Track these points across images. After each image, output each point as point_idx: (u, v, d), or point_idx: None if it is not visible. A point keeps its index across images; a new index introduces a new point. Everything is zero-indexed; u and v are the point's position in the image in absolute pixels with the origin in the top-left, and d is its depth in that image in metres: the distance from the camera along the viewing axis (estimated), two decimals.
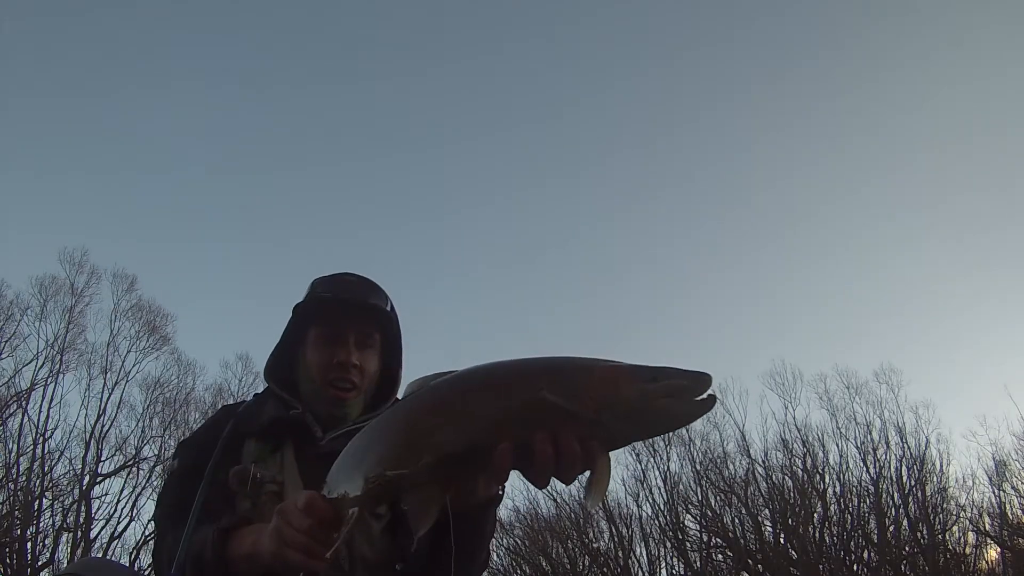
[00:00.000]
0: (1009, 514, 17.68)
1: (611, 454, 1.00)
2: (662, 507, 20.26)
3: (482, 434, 0.99)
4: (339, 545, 1.11)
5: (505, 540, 21.74)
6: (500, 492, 1.33)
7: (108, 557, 16.53)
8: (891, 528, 18.53)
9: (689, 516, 20.32)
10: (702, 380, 0.98)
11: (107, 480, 19.32)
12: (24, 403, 18.52)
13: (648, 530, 20.55)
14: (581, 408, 0.96)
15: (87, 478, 18.71)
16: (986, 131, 28.41)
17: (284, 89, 31.30)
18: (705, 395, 0.98)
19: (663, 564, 20.56)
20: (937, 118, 29.64)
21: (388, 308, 1.71)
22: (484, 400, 1.02)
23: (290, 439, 1.60)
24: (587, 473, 1.00)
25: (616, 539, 20.69)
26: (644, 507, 20.59)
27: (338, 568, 1.42)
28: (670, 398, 0.97)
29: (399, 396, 1.60)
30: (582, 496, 1.02)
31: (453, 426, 1.02)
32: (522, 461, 0.99)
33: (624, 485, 21.28)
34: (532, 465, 0.98)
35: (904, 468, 18.70)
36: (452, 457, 1.00)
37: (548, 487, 1.21)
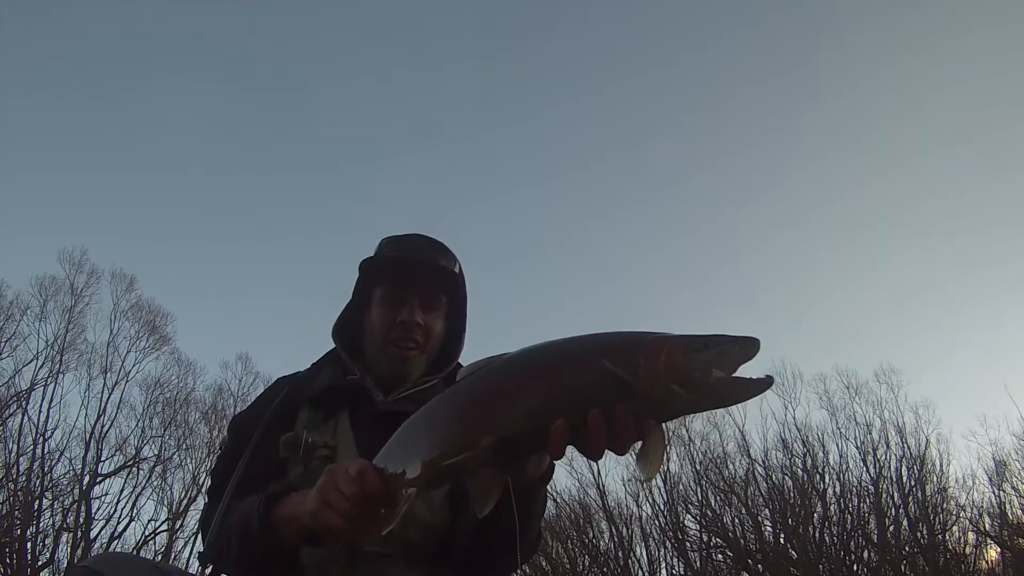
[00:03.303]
0: (1009, 514, 17.67)
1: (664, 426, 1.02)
2: (662, 507, 20.25)
3: (541, 414, 1.00)
4: (387, 530, 1.10)
5: None
6: (551, 467, 1.35)
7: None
8: (891, 528, 18.50)
9: (689, 516, 20.31)
10: (751, 344, 1.00)
11: (107, 480, 19.37)
12: (24, 403, 18.54)
13: (648, 530, 20.54)
14: (636, 381, 0.97)
15: (87, 478, 18.74)
16: (986, 130, 28.43)
17: (285, 88, 31.30)
18: (762, 375, 0.99)
19: (663, 564, 20.57)
20: (937, 117, 29.64)
21: (456, 270, 1.69)
22: (542, 380, 1.03)
23: (345, 405, 1.58)
24: (639, 445, 1.01)
25: (616, 539, 20.68)
26: (644, 507, 20.57)
27: None
28: (724, 369, 0.98)
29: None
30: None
31: (513, 407, 1.03)
32: (577, 437, 1.00)
33: (624, 485, 21.29)
34: (587, 441, 1.00)
35: (904, 468, 18.68)
36: (511, 438, 1.02)
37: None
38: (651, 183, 32.30)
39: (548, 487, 1.43)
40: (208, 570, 1.44)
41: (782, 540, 19.13)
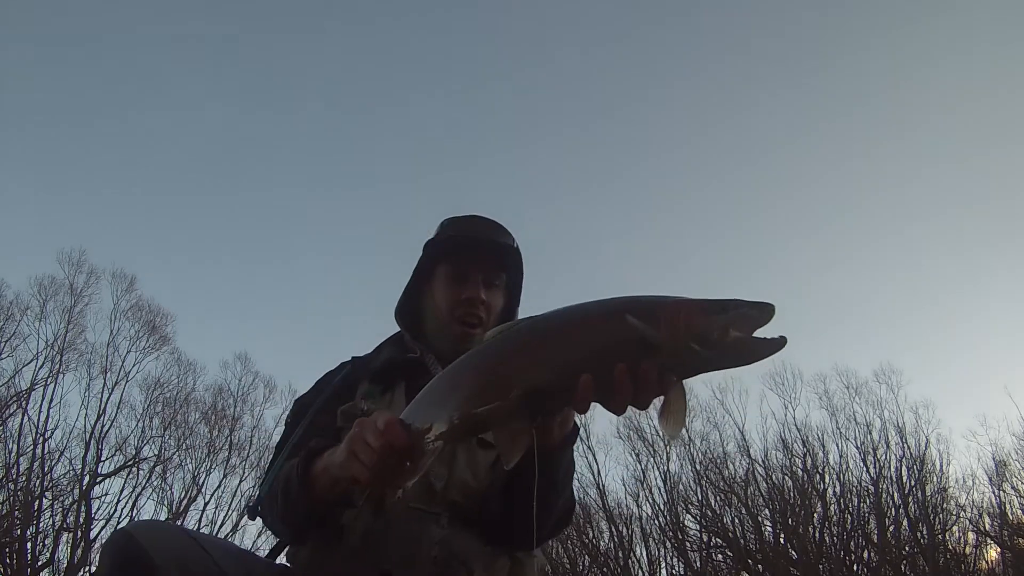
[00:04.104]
0: (1009, 514, 17.70)
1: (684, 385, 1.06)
2: (662, 507, 20.27)
3: (568, 368, 1.05)
4: (412, 482, 1.15)
5: None
6: (576, 428, 1.41)
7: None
8: (891, 528, 18.53)
9: (689, 516, 20.33)
10: (766, 309, 1.05)
11: (107, 480, 19.34)
12: (24, 403, 18.49)
13: (648, 530, 20.55)
14: (664, 339, 1.02)
15: (87, 478, 18.69)
16: (990, 140, 28.45)
17: (286, 87, 31.30)
18: (776, 335, 1.04)
19: (663, 564, 20.59)
20: (940, 121, 29.66)
21: (515, 247, 1.74)
22: (571, 336, 1.08)
23: (403, 379, 1.63)
24: (661, 403, 1.06)
25: (616, 539, 20.70)
26: (644, 507, 20.59)
27: (428, 485, 1.46)
28: (741, 331, 1.03)
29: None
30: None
31: (542, 361, 1.07)
32: (601, 392, 1.04)
33: (624, 485, 21.30)
34: (612, 395, 1.04)
35: (904, 468, 18.71)
36: (539, 391, 1.06)
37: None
38: (652, 182, 32.33)
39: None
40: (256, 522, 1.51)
41: (782, 540, 19.15)
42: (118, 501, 19.04)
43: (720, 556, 20.18)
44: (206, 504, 20.10)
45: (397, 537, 1.41)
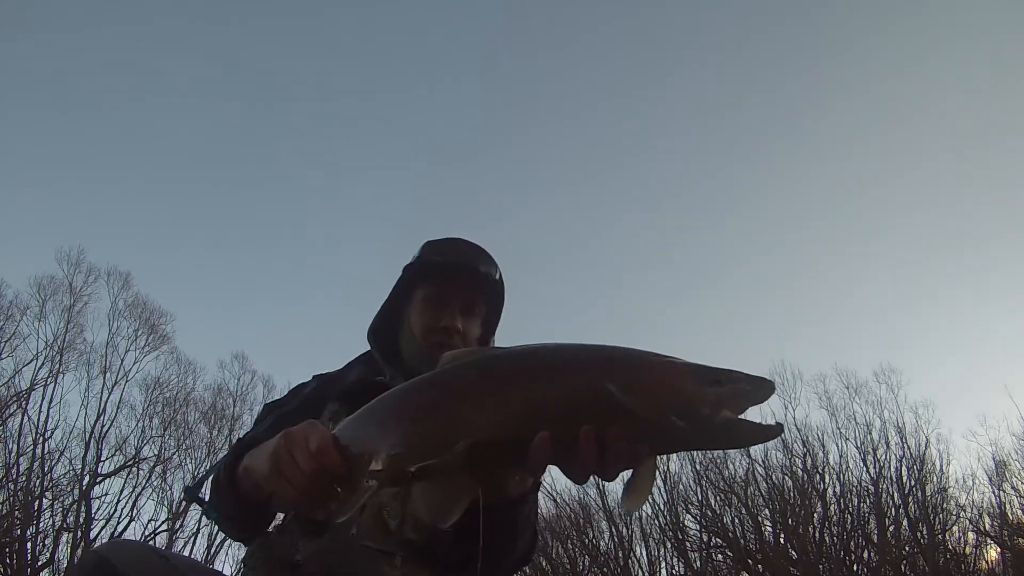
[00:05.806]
0: (1009, 514, 17.67)
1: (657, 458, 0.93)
2: (662, 507, 20.24)
3: (526, 422, 0.90)
4: (343, 518, 1.02)
5: None
6: (536, 483, 1.28)
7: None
8: (891, 528, 18.51)
9: (689, 516, 20.32)
10: (765, 386, 0.93)
11: (107, 480, 19.36)
12: (24, 403, 18.54)
13: (648, 530, 20.53)
14: (640, 405, 0.88)
15: (87, 478, 18.73)
16: (989, 138, 28.42)
17: (281, 87, 31.25)
18: (773, 422, 0.92)
19: (663, 564, 20.58)
20: (939, 122, 29.62)
21: (497, 277, 1.69)
22: (532, 383, 0.93)
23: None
24: (628, 473, 0.92)
25: (616, 539, 20.68)
26: (644, 507, 20.57)
27: (383, 523, 1.41)
28: (733, 408, 0.90)
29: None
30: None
31: (496, 410, 0.92)
32: (562, 454, 0.90)
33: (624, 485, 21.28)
34: (574, 461, 0.90)
35: (904, 468, 18.69)
36: (488, 445, 0.91)
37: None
38: (650, 177, 32.32)
39: (542, 494, 1.40)
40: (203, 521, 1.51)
41: (782, 540, 19.13)
42: (118, 501, 19.13)
43: (720, 556, 20.17)
44: None
45: (351, 575, 1.36)
